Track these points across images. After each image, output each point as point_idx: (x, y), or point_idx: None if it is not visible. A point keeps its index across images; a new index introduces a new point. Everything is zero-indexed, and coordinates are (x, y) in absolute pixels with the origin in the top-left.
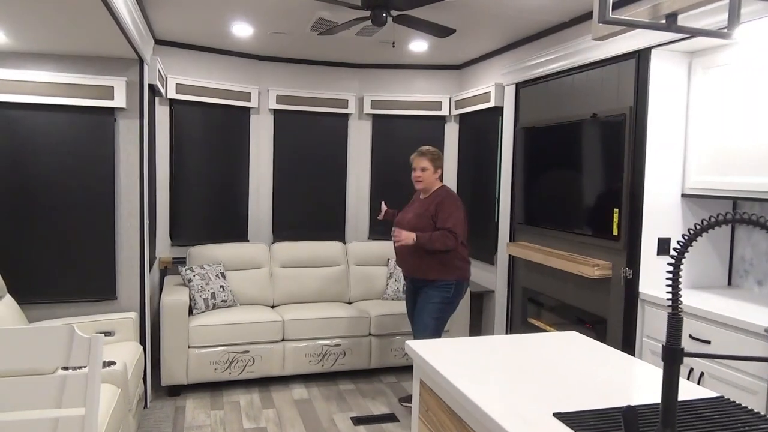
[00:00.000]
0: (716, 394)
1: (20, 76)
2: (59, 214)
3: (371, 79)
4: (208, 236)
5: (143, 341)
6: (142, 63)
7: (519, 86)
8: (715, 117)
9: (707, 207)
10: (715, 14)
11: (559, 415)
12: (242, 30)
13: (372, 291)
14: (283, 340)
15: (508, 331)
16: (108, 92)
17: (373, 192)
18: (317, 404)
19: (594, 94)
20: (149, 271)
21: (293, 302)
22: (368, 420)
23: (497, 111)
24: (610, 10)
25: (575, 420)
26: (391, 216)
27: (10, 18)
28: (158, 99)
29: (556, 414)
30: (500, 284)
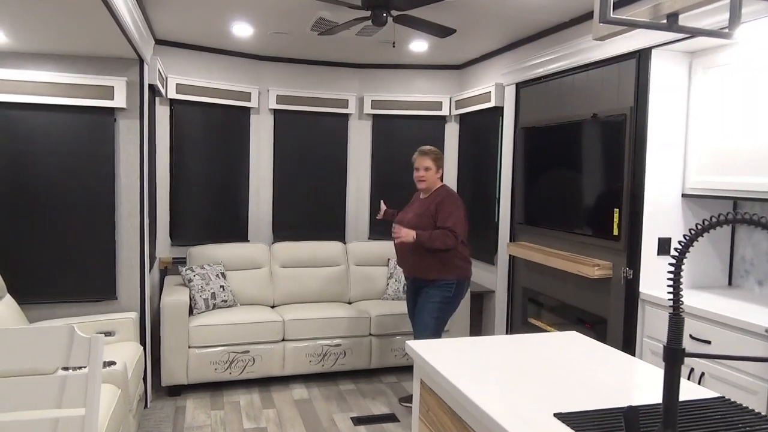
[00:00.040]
0: (717, 395)
1: (20, 76)
2: (59, 214)
3: (371, 79)
4: (209, 236)
5: (143, 341)
6: (142, 63)
7: (519, 86)
8: (716, 117)
9: (708, 207)
10: (716, 14)
11: (560, 416)
12: (242, 30)
13: (372, 291)
14: (284, 340)
15: (509, 332)
16: (108, 92)
17: (374, 192)
18: (317, 404)
19: (594, 94)
20: (149, 271)
21: (293, 302)
22: (368, 420)
23: (497, 111)
24: (611, 10)
25: (576, 420)
26: (391, 216)
27: (10, 18)
28: (158, 99)
29: (557, 414)
30: (500, 284)
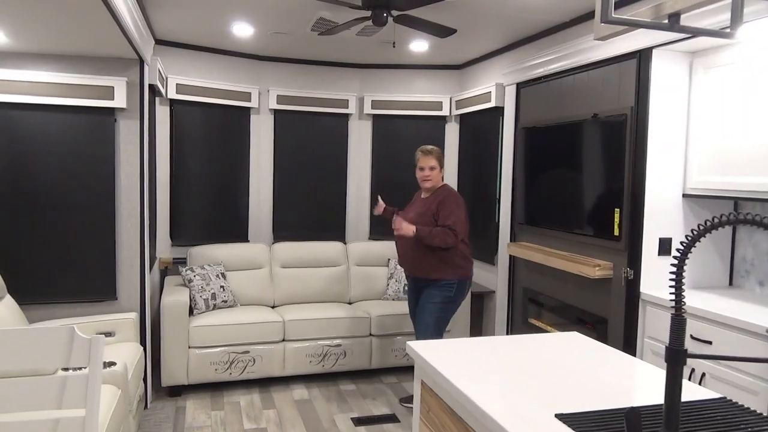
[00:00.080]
0: (718, 395)
1: (20, 76)
2: (59, 215)
3: (372, 79)
4: (209, 236)
5: (143, 342)
6: (143, 63)
7: (520, 86)
8: (717, 117)
9: (708, 207)
10: (717, 14)
11: (561, 416)
12: (242, 30)
13: (372, 291)
14: (284, 341)
15: (509, 332)
16: (108, 92)
17: (374, 192)
18: (318, 405)
19: (595, 94)
20: (149, 272)
21: (294, 302)
22: (369, 420)
23: (498, 111)
24: (613, 10)
25: (577, 421)
26: (390, 214)
27: (10, 18)
28: (158, 99)
29: (558, 415)
30: (501, 284)
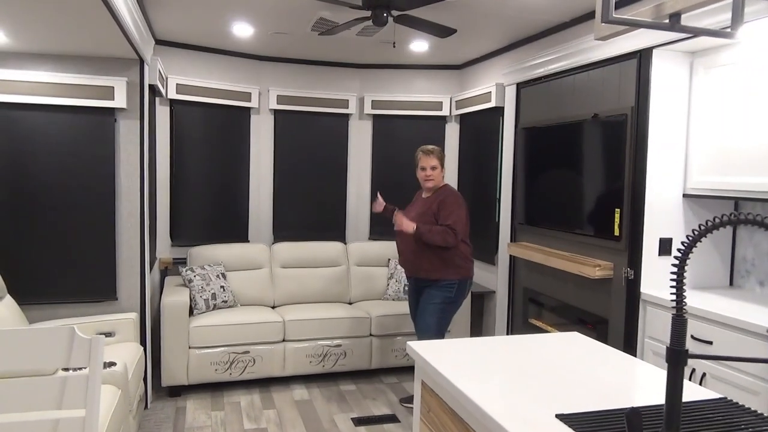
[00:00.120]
0: (719, 395)
1: (20, 76)
2: (59, 215)
3: (372, 79)
4: (209, 236)
5: (144, 342)
6: (143, 63)
7: (520, 86)
8: (717, 117)
9: (709, 207)
10: (718, 14)
11: (562, 417)
12: (243, 30)
13: (373, 291)
14: (284, 341)
15: (509, 332)
16: (108, 92)
17: (374, 192)
18: (318, 405)
19: (595, 94)
20: (150, 272)
21: (294, 303)
22: (369, 421)
23: (498, 111)
24: (613, 10)
25: (578, 421)
26: (390, 212)
27: (10, 18)
28: (158, 99)
29: (559, 415)
30: (501, 285)
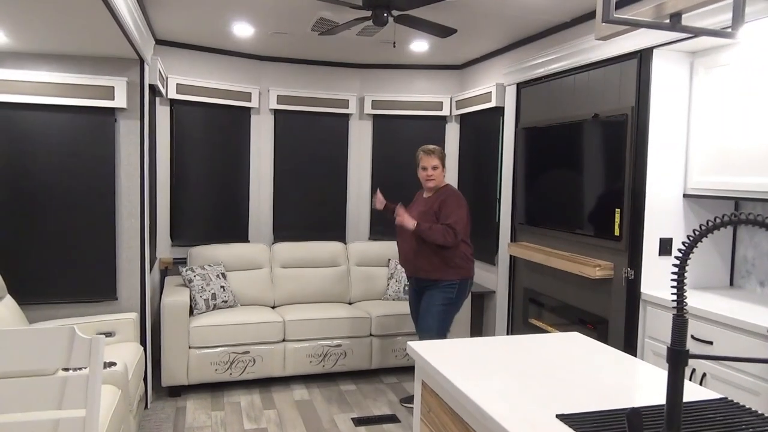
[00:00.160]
0: (719, 396)
1: (20, 76)
2: (60, 215)
3: (372, 79)
4: (209, 236)
5: (144, 342)
6: (143, 63)
7: (520, 86)
8: (717, 117)
9: (709, 207)
10: (718, 14)
11: (562, 417)
12: (243, 30)
13: (373, 291)
14: (284, 341)
15: (510, 332)
16: (108, 92)
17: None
18: (318, 405)
19: (595, 94)
20: (150, 272)
21: (294, 303)
22: (369, 421)
23: (498, 111)
24: (614, 10)
25: (578, 422)
26: (391, 211)
27: (10, 18)
28: (159, 99)
29: (559, 416)
30: (501, 285)
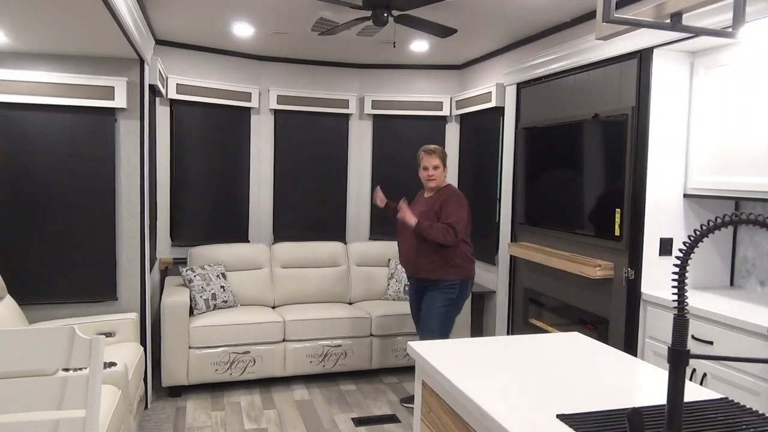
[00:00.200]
0: (720, 396)
1: (20, 76)
2: (60, 215)
3: (372, 79)
4: (209, 237)
5: (144, 342)
6: (143, 63)
7: (520, 86)
8: (718, 117)
9: (709, 207)
10: (718, 14)
11: (563, 417)
12: (243, 30)
13: (373, 291)
14: (284, 341)
15: (510, 332)
16: (108, 92)
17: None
18: (318, 405)
19: (596, 94)
20: (150, 272)
21: (294, 303)
22: (369, 421)
23: (498, 111)
24: (614, 9)
25: (579, 422)
26: (393, 210)
27: (10, 18)
28: (159, 99)
29: (560, 416)
30: (501, 285)
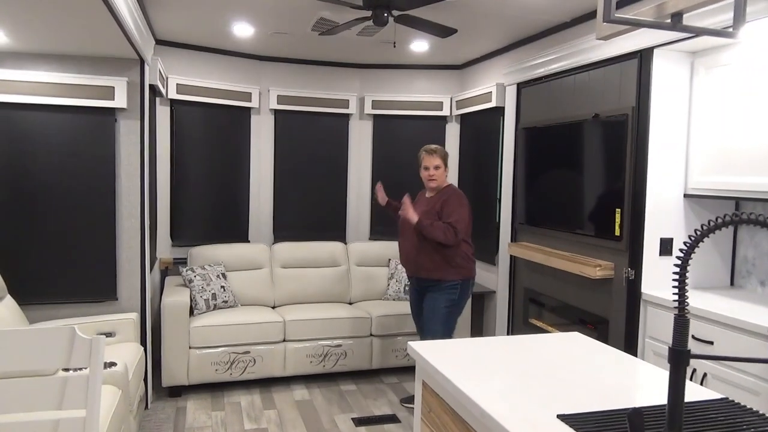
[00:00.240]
0: (720, 396)
1: (20, 76)
2: (60, 215)
3: (372, 79)
4: (209, 237)
5: (144, 342)
6: (143, 63)
7: (520, 86)
8: (718, 117)
9: (710, 207)
10: (719, 14)
11: (563, 417)
12: (243, 30)
13: (373, 291)
14: (284, 341)
15: (510, 332)
16: (109, 92)
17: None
18: (318, 405)
19: (596, 94)
20: (150, 272)
21: (294, 303)
22: (370, 421)
23: (498, 111)
24: (615, 9)
25: (579, 422)
26: (394, 209)
27: (11, 18)
28: (159, 99)
29: (560, 416)
30: (501, 285)
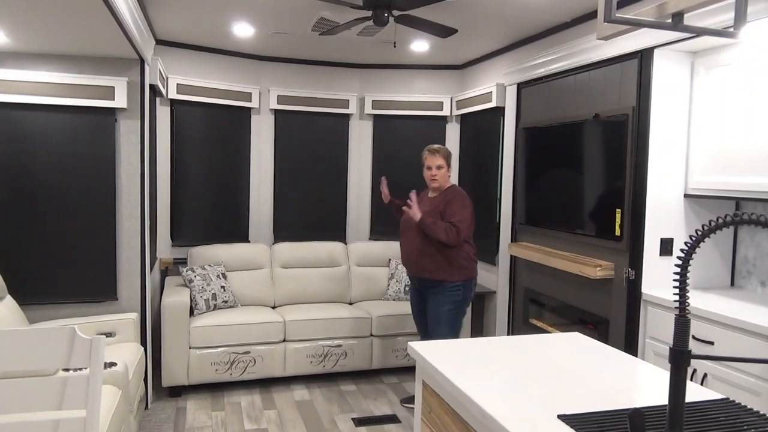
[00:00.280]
0: (721, 396)
1: (20, 76)
2: (60, 215)
3: (372, 79)
4: (209, 237)
5: (144, 342)
6: (143, 63)
7: (520, 86)
8: (718, 117)
9: (710, 207)
10: (719, 13)
11: (564, 417)
12: (243, 30)
13: (373, 291)
14: (285, 341)
15: (510, 332)
16: (109, 92)
17: (375, 192)
18: (318, 405)
19: (596, 94)
20: (150, 272)
21: (294, 303)
22: (370, 421)
23: (499, 111)
24: (615, 9)
25: (580, 422)
26: (397, 207)
27: (11, 18)
28: (159, 99)
29: (561, 416)
30: (502, 285)
